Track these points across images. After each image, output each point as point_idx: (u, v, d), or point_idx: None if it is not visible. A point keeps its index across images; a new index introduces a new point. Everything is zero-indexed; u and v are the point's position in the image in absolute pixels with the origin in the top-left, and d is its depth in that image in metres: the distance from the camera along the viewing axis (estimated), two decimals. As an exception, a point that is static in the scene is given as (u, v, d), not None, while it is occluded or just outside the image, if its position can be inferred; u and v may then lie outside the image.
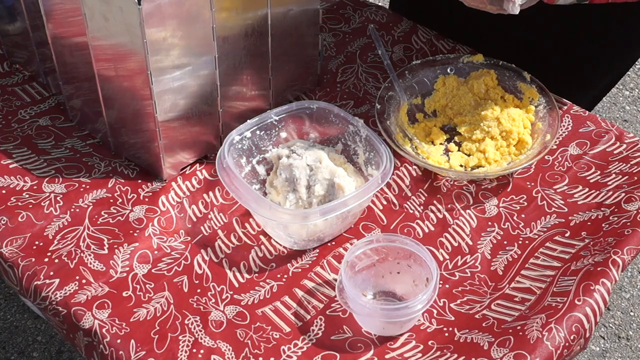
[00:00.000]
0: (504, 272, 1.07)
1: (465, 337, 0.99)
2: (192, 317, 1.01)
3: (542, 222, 1.12)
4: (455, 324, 1.01)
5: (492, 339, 0.97)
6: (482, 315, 1.01)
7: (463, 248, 1.10)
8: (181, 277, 1.05)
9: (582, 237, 1.09)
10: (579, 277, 1.02)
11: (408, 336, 1.00)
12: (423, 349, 0.98)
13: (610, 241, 1.06)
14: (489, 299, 1.03)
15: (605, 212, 1.12)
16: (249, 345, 0.98)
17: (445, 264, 1.08)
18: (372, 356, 0.98)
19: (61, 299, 1.01)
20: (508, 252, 1.09)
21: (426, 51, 1.39)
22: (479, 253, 1.09)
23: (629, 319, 1.88)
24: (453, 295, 1.04)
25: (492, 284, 1.06)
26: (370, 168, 1.14)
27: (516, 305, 1.02)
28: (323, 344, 0.99)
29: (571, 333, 0.97)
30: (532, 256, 1.08)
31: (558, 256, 1.07)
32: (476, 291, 1.05)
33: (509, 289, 1.05)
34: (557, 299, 1.00)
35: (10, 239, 1.07)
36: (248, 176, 1.14)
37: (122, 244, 1.08)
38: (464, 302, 1.04)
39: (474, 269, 1.07)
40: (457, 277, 1.07)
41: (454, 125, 1.25)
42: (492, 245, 1.10)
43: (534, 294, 1.03)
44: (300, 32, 1.21)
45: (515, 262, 1.08)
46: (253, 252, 1.09)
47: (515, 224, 1.12)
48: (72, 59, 1.15)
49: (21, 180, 1.15)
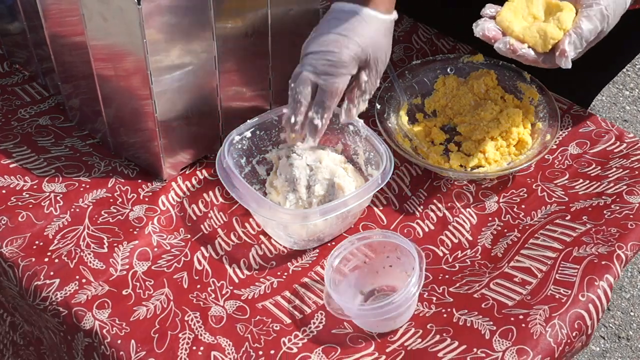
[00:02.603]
0: (504, 254, 1.07)
1: (464, 320, 0.98)
2: (192, 313, 1.01)
3: (543, 210, 1.12)
4: (454, 305, 1.01)
5: (493, 327, 0.97)
6: (481, 295, 1.01)
7: (463, 243, 1.10)
8: (181, 274, 1.05)
9: (583, 222, 1.09)
10: (582, 267, 1.02)
11: (407, 325, 1.00)
12: (422, 334, 0.98)
13: (614, 232, 1.06)
14: (488, 278, 1.03)
15: (606, 200, 1.12)
16: (249, 340, 0.98)
17: (445, 258, 1.08)
18: (373, 351, 0.98)
19: (61, 299, 1.01)
20: (508, 238, 1.09)
21: (426, 51, 1.39)
22: (479, 246, 1.09)
23: (629, 319, 1.88)
24: (452, 282, 1.04)
25: (491, 265, 1.05)
26: (370, 168, 1.14)
27: (516, 286, 1.02)
28: (323, 337, 0.99)
29: (573, 330, 0.97)
30: (532, 237, 1.08)
31: (558, 237, 1.07)
32: (475, 273, 1.05)
33: (508, 267, 1.04)
34: (560, 289, 1.00)
35: (11, 239, 1.07)
36: (248, 176, 1.14)
37: (122, 242, 1.08)
38: (463, 284, 1.03)
39: (474, 259, 1.07)
40: (457, 267, 1.06)
41: (454, 125, 1.25)
42: (493, 237, 1.10)
43: (534, 277, 1.02)
44: (300, 32, 1.20)
45: (515, 245, 1.08)
46: (253, 250, 1.09)
47: (516, 215, 1.12)
48: (71, 58, 1.14)
49: (21, 179, 1.15)
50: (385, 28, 1.05)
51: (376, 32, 1.03)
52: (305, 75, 1.01)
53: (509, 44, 1.03)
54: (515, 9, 1.07)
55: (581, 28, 1.02)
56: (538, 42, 1.04)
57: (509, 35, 1.04)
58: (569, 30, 1.02)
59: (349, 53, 1.01)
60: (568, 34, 1.02)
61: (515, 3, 1.07)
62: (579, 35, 1.02)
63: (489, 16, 1.07)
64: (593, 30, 1.02)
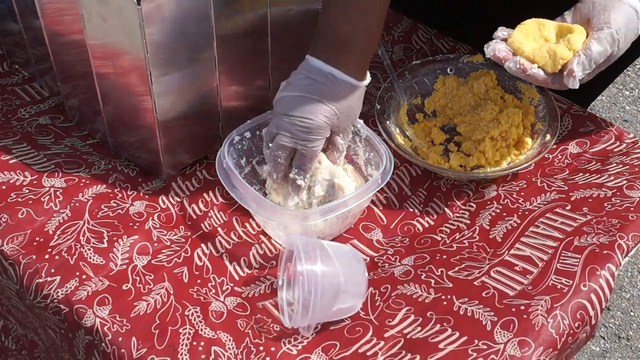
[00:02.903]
0: (503, 239, 1.06)
1: (465, 309, 0.98)
2: (192, 308, 1.01)
3: (542, 197, 1.12)
4: (454, 291, 1.00)
5: (494, 317, 0.97)
6: (482, 283, 1.01)
7: (461, 227, 1.10)
8: (181, 269, 1.05)
9: (583, 212, 1.09)
10: (583, 256, 1.02)
11: (406, 310, 0.99)
12: (422, 322, 0.98)
13: (615, 223, 1.06)
14: (488, 265, 1.03)
15: (607, 193, 1.12)
16: (249, 335, 0.98)
17: (443, 241, 1.08)
18: (371, 337, 0.97)
19: (62, 297, 1.01)
20: (507, 222, 1.09)
21: (426, 51, 1.40)
22: (477, 226, 1.09)
23: (629, 319, 1.88)
24: (451, 264, 1.04)
25: (490, 250, 1.05)
26: (370, 168, 1.14)
27: (517, 275, 1.02)
28: (323, 336, 0.99)
29: (575, 320, 0.96)
30: (532, 225, 1.08)
31: (559, 227, 1.07)
32: (475, 258, 1.04)
33: (508, 255, 1.04)
34: (562, 279, 1.00)
35: (11, 236, 1.07)
36: (248, 176, 1.14)
37: (122, 237, 1.08)
38: (462, 268, 1.03)
39: (471, 240, 1.07)
40: (454, 247, 1.06)
41: (454, 125, 1.25)
42: (491, 218, 1.10)
43: (535, 266, 1.02)
44: (300, 32, 1.21)
45: (515, 230, 1.08)
46: (253, 249, 1.09)
47: (515, 200, 1.12)
48: (70, 57, 1.14)
49: (21, 175, 1.15)
50: (359, 94, 1.08)
51: (350, 98, 1.06)
52: (283, 142, 1.04)
53: (519, 64, 1.05)
54: (527, 32, 1.08)
55: (591, 50, 1.03)
56: (548, 62, 1.05)
57: (519, 56, 1.05)
58: (579, 51, 1.03)
59: (324, 119, 1.03)
60: (577, 54, 1.04)
61: (527, 26, 1.09)
62: (588, 57, 1.03)
63: (500, 38, 1.09)
64: (602, 53, 1.03)
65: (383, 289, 1.03)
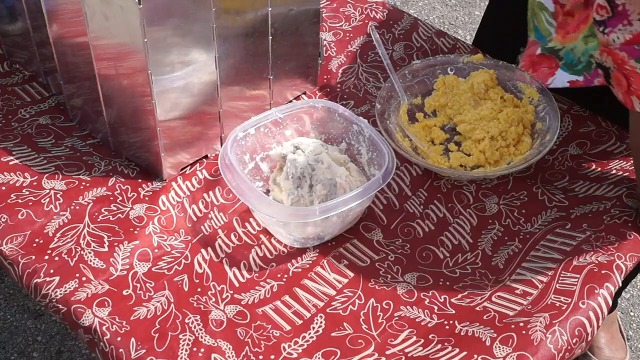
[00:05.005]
0: (505, 266, 1.07)
1: (466, 330, 0.98)
2: (192, 316, 1.01)
3: (543, 216, 1.12)
4: (456, 317, 1.01)
5: (494, 334, 0.97)
6: (483, 308, 1.01)
7: (463, 246, 1.10)
8: (181, 276, 1.05)
9: (582, 229, 1.09)
10: (582, 275, 1.02)
11: (409, 332, 1.00)
12: (424, 343, 0.98)
13: (613, 240, 1.06)
14: (490, 292, 1.03)
15: (606, 204, 1.12)
16: (249, 344, 0.98)
17: (446, 261, 1.08)
18: (372, 352, 0.98)
19: (61, 297, 1.01)
20: (509, 247, 1.09)
21: (427, 49, 1.39)
22: (480, 250, 1.09)
23: (629, 319, 1.88)
24: (454, 291, 1.04)
25: (493, 277, 1.06)
26: (372, 168, 1.14)
27: (517, 298, 1.02)
28: (323, 341, 0.99)
29: (574, 336, 0.97)
30: (533, 249, 1.08)
31: (559, 248, 1.07)
32: (477, 285, 1.05)
33: (509, 280, 1.05)
34: (561, 298, 1.00)
35: (11, 237, 1.07)
36: (251, 173, 1.14)
37: (122, 242, 1.08)
38: (464, 295, 1.04)
39: (474, 265, 1.07)
40: (457, 274, 1.07)
41: (454, 125, 1.25)
42: (493, 242, 1.10)
43: (535, 288, 1.03)
44: (300, 32, 1.21)
45: (516, 256, 1.08)
46: (253, 252, 1.09)
47: (516, 220, 1.12)
48: (74, 58, 1.15)
49: (21, 176, 1.15)
50: None
51: None
52: None
53: None
54: None
55: None
56: None
57: None
58: None
59: None
60: None
61: None
62: None
63: None
64: None
65: (385, 304, 1.03)
